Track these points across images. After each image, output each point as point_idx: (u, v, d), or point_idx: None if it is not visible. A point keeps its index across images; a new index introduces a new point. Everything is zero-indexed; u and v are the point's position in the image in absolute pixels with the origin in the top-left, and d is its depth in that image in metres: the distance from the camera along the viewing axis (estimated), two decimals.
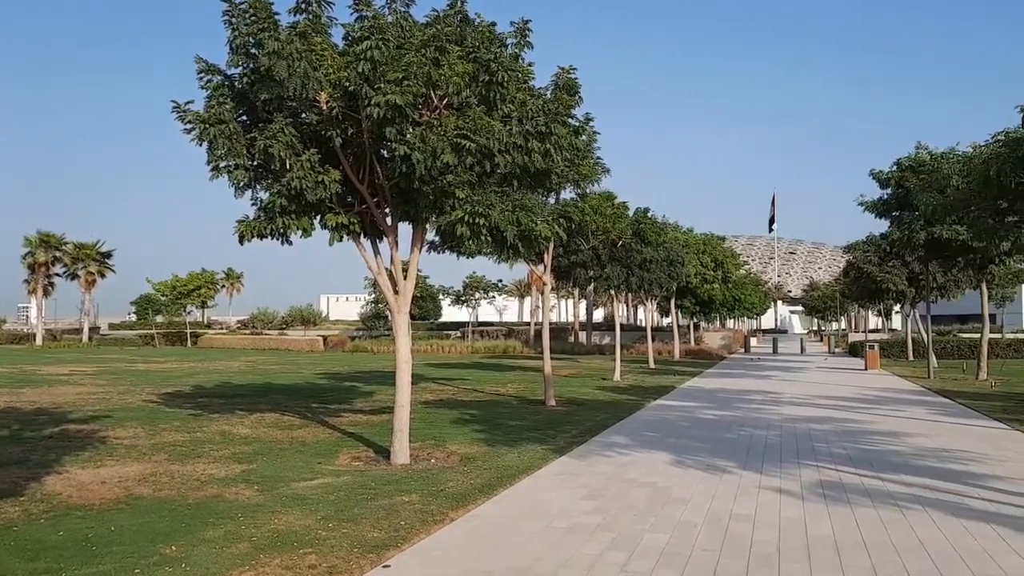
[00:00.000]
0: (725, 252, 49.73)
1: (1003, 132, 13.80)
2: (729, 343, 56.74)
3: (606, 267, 26.81)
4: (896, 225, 27.91)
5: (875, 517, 7.95)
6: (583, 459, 11.43)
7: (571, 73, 11.89)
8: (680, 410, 17.96)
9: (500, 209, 10.49)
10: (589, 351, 50.21)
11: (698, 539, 7.18)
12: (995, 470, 10.45)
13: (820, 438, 13.45)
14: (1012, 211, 13.95)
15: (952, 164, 21.01)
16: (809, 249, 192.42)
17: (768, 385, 25.33)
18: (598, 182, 18.77)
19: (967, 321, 67.75)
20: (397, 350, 11.63)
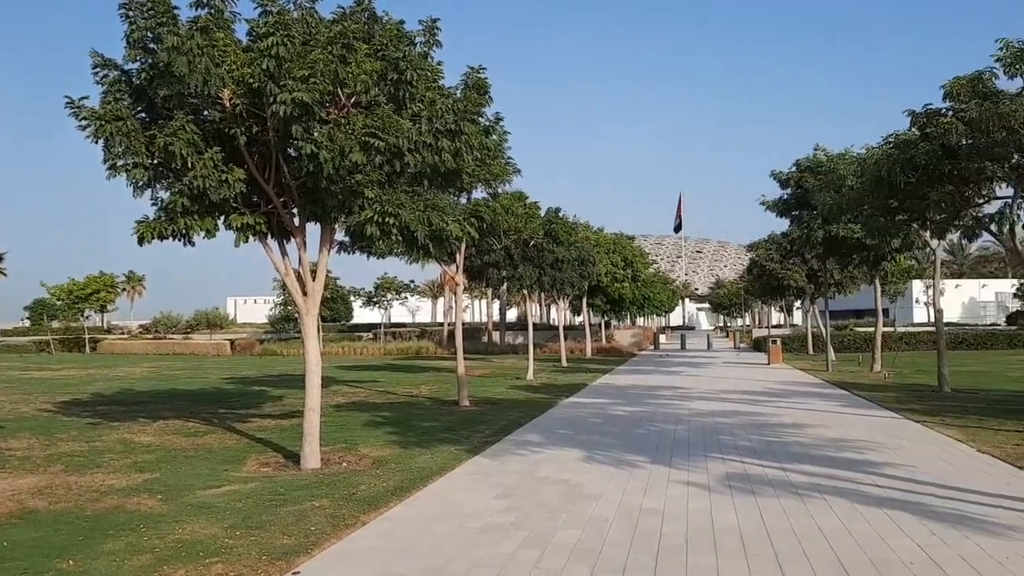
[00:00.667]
0: (635, 251, 50.59)
1: (893, 134, 14.46)
2: (639, 340, 57.79)
3: (518, 267, 26.96)
4: (796, 224, 28.95)
5: (778, 506, 8.21)
6: (496, 458, 11.45)
7: (481, 73, 11.90)
8: (592, 407, 18.19)
9: (411, 209, 10.42)
10: (503, 351, 50.39)
11: (609, 534, 7.28)
12: (888, 458, 10.93)
13: (726, 431, 13.82)
14: (902, 210, 14.62)
15: (847, 165, 21.90)
16: (715, 248, 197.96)
17: (677, 381, 25.90)
18: (509, 182, 18.87)
19: (863, 316, 70.76)
20: (306, 353, 11.41)
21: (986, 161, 12.49)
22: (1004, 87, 12.47)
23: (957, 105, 12.63)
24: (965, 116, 12.26)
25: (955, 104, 12.70)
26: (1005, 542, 6.74)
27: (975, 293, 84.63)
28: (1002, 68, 12.24)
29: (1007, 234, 13.71)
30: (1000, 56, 12.17)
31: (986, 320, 74.23)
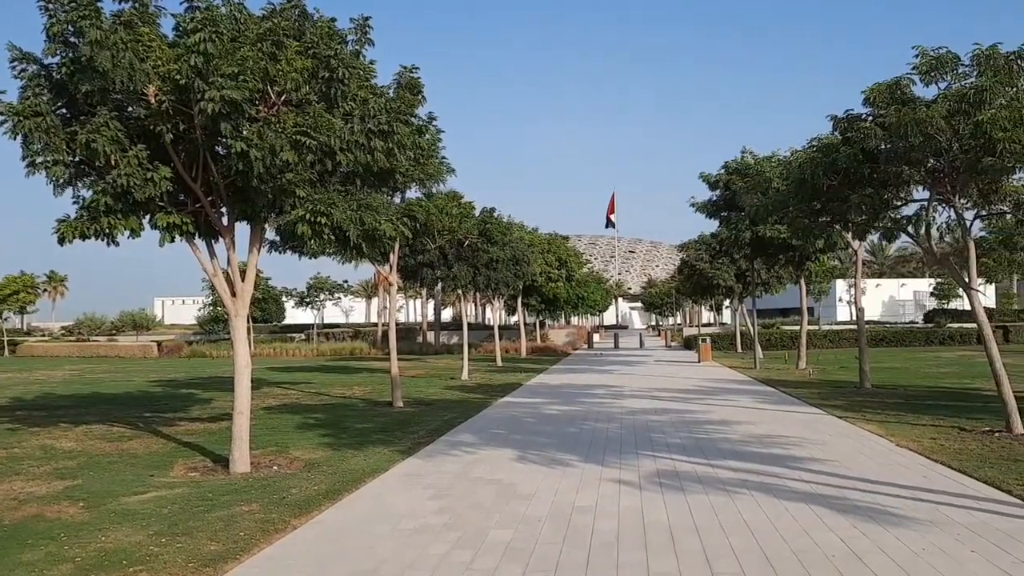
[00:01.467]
0: (569, 251, 50.97)
1: (817, 138, 14.87)
2: (574, 339, 58.26)
3: (453, 267, 26.91)
4: (725, 225, 29.53)
5: (706, 502, 8.39)
6: (430, 459, 11.42)
7: (413, 72, 11.87)
8: (526, 407, 18.27)
9: (343, 208, 10.31)
10: (438, 351, 50.23)
11: (542, 532, 7.33)
12: (812, 453, 11.25)
13: (657, 429, 14.04)
14: (825, 212, 15.01)
15: (773, 168, 22.49)
16: (647, 248, 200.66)
17: (610, 379, 26.19)
18: (444, 182, 18.83)
19: (788, 314, 72.54)
20: (236, 355, 11.20)
21: (904, 165, 12.90)
22: (921, 94, 12.94)
23: (876, 111, 13.05)
24: (884, 121, 12.66)
25: (875, 110, 13.11)
26: (921, 534, 7.01)
27: (895, 292, 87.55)
28: (919, 76, 12.69)
29: (923, 235, 14.24)
30: (917, 64, 12.62)
31: (905, 318, 76.86)
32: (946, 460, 10.31)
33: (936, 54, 12.45)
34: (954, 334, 46.74)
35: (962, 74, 12.44)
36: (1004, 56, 12.02)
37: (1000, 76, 11.95)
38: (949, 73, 12.51)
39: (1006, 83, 11.99)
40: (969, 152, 12.22)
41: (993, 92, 11.77)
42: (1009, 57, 12.01)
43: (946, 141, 12.18)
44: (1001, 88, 11.91)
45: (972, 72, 12.32)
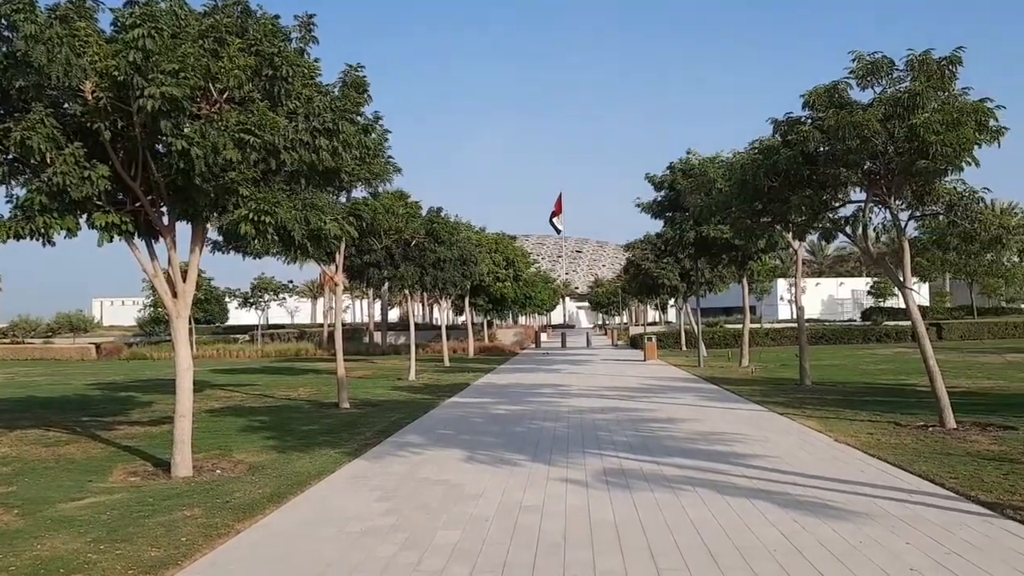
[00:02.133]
0: (516, 251, 51.10)
1: (758, 140, 15.16)
2: (521, 339, 58.42)
3: (400, 266, 26.78)
4: (669, 225, 29.91)
5: (652, 500, 8.49)
6: (377, 461, 11.35)
7: (359, 71, 11.79)
8: (474, 406, 18.27)
9: (287, 207, 10.19)
10: (385, 351, 49.91)
11: (489, 533, 7.35)
12: (755, 449, 11.47)
13: (604, 427, 14.16)
14: (766, 212, 15.33)
15: (716, 169, 22.81)
16: (594, 248, 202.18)
17: (557, 378, 26.33)
18: (390, 181, 18.72)
19: (731, 313, 73.72)
20: (177, 356, 10.99)
21: (841, 167, 13.23)
22: (858, 97, 13.29)
23: (815, 114, 13.37)
24: (822, 124, 12.98)
25: (813, 113, 13.44)
26: (858, 527, 7.19)
27: (834, 291, 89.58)
28: (855, 80, 13.04)
29: (860, 235, 14.61)
30: (854, 69, 12.97)
31: (843, 316, 78.66)
32: (882, 454, 10.59)
33: (872, 59, 12.80)
34: (890, 331, 48.01)
35: (897, 79, 12.83)
36: (936, 61, 12.41)
37: (933, 81, 12.34)
38: (884, 78, 12.89)
39: (938, 88, 12.38)
40: (904, 155, 12.58)
41: (926, 96, 12.15)
42: (941, 62, 12.40)
43: (882, 144, 12.53)
44: (934, 92, 12.30)
45: (906, 77, 12.70)
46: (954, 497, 8.26)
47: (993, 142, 12.34)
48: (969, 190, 13.38)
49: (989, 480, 8.85)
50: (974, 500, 8.05)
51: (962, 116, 11.85)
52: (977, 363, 27.21)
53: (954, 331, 48.20)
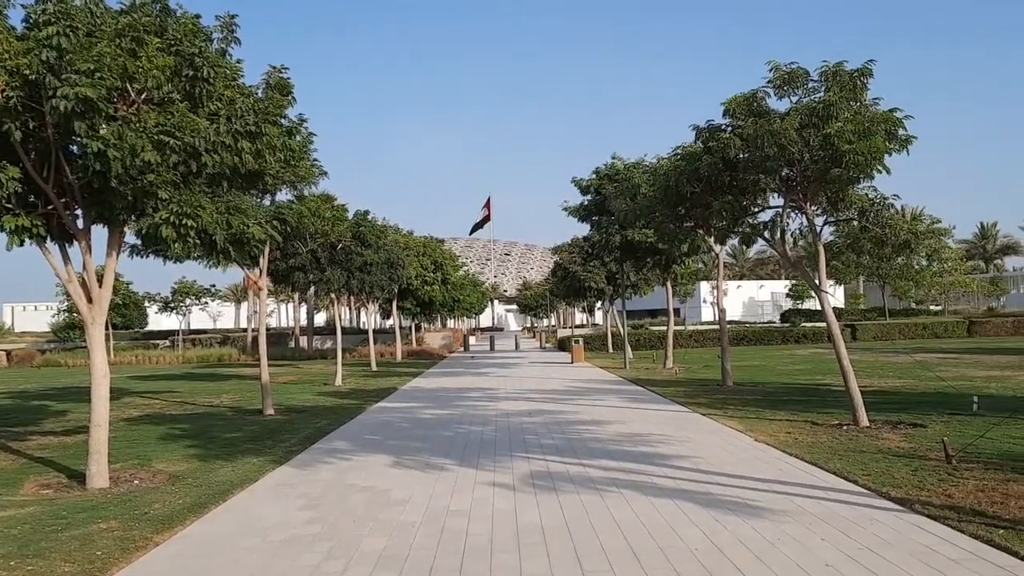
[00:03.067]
0: (444, 254, 51.01)
1: (681, 147, 15.48)
2: (450, 343, 58.27)
3: (326, 270, 26.43)
4: (596, 228, 30.28)
5: (578, 502, 8.59)
6: (302, 468, 11.20)
7: (283, 72, 11.65)
8: (401, 411, 18.17)
9: (210, 211, 9.98)
10: (311, 356, 49.17)
11: (416, 539, 7.33)
12: (678, 450, 11.70)
13: (531, 431, 14.25)
14: (689, 217, 15.67)
15: (641, 174, 23.21)
16: (523, 251, 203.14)
17: (485, 382, 26.37)
18: (315, 184, 18.50)
19: (657, 315, 75.09)
20: (93, 364, 10.64)
21: (760, 174, 13.60)
22: (775, 106, 13.69)
23: (735, 122, 13.73)
24: (742, 132, 13.32)
25: (733, 121, 13.79)
26: (776, 524, 7.41)
27: (754, 293, 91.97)
28: (773, 89, 13.44)
29: (778, 240, 15.05)
30: (771, 79, 13.36)
31: (763, 318, 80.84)
32: (799, 453, 10.93)
33: (788, 69, 13.20)
34: (808, 333, 49.51)
35: (812, 89, 13.25)
36: (849, 73, 12.87)
37: (846, 92, 12.79)
38: (800, 88, 13.30)
39: (851, 98, 12.84)
40: (818, 163, 13.02)
41: (839, 107, 12.58)
42: (854, 74, 12.86)
43: (798, 152, 12.93)
44: (847, 103, 12.75)
45: (821, 87, 13.13)
46: (866, 493, 8.58)
47: (902, 151, 12.85)
48: (880, 197, 13.94)
49: (899, 476, 9.21)
50: (885, 496, 8.37)
51: (873, 126, 12.32)
52: (889, 363, 28.27)
53: (867, 332, 49.94)
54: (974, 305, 71.30)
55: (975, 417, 13.54)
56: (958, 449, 10.23)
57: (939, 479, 8.96)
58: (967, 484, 8.66)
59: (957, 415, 13.94)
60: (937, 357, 30.85)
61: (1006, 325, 51.64)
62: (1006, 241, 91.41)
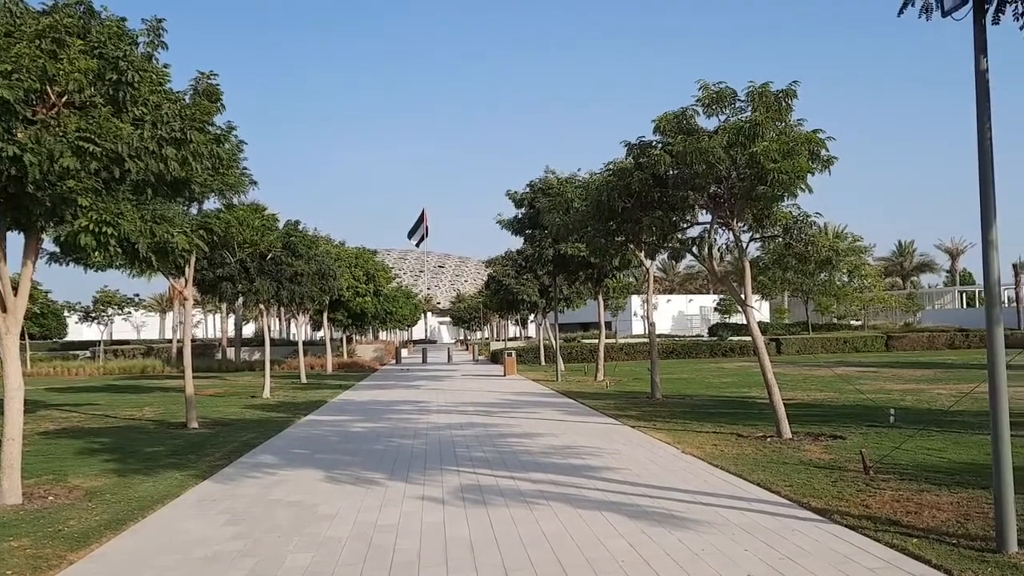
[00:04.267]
0: (377, 265, 50.57)
1: (613, 162, 15.71)
2: (382, 355, 57.79)
3: (255, 280, 25.98)
4: (529, 242, 30.45)
5: (507, 515, 8.58)
6: (226, 483, 10.94)
7: (212, 78, 11.43)
8: (331, 424, 17.93)
9: (132, 218, 9.73)
10: (238, 368, 48.15)
11: (342, 554, 7.22)
12: (607, 462, 11.81)
13: (462, 444, 14.20)
14: (620, 232, 15.89)
15: (574, 189, 23.45)
16: (456, 263, 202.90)
17: (417, 395, 26.20)
18: (245, 193, 18.18)
19: (588, 328, 75.72)
20: (6, 376, 10.21)
21: (689, 190, 13.90)
22: (704, 125, 14.01)
23: (665, 139, 14.01)
24: (672, 149, 13.60)
25: (664, 138, 14.07)
26: (701, 535, 7.53)
27: (683, 307, 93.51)
28: (702, 108, 13.75)
29: (706, 255, 15.37)
30: (700, 97, 13.68)
31: (692, 331, 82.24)
32: (725, 465, 11.13)
33: (717, 89, 13.53)
34: (735, 346, 50.56)
35: (739, 108, 13.61)
36: (774, 94, 13.25)
37: (771, 112, 13.17)
38: (728, 107, 13.65)
39: (776, 118, 13.22)
40: (745, 180, 13.35)
41: (765, 126, 12.94)
42: (779, 94, 13.25)
43: (725, 170, 13.24)
44: (772, 123, 13.12)
45: (747, 107, 13.49)
46: (788, 504, 8.78)
47: (824, 170, 13.27)
48: (803, 214, 14.38)
49: (819, 487, 9.46)
50: (806, 507, 8.58)
51: (796, 145, 12.71)
52: (811, 376, 29.06)
53: (791, 346, 51.24)
54: (892, 320, 73.79)
55: (892, 429, 14.02)
56: (875, 460, 10.58)
57: (857, 490, 9.23)
58: (884, 494, 8.94)
59: (875, 427, 14.41)
60: (857, 370, 31.85)
61: (921, 340, 53.68)
62: (922, 259, 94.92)
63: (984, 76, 6.96)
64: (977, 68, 6.99)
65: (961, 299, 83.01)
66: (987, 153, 6.96)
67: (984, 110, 6.97)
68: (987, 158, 6.96)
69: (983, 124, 6.96)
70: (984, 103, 6.96)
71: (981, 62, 6.97)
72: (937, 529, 7.46)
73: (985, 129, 6.96)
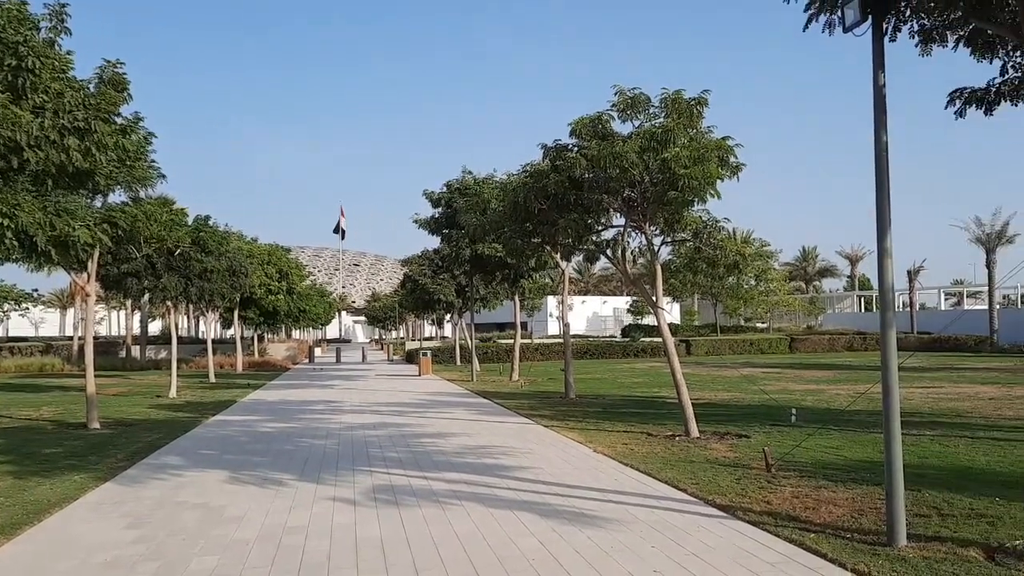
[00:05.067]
0: (290, 263, 49.68)
1: (530, 164, 15.83)
2: (294, 354, 56.78)
3: (162, 277, 25.20)
4: (446, 242, 30.41)
5: (419, 515, 8.58)
6: (129, 485, 10.61)
7: (118, 67, 11.08)
8: (240, 424, 17.55)
9: (30, 210, 9.35)
10: (144, 367, 46.58)
11: (250, 557, 7.10)
12: (521, 461, 11.91)
13: (375, 444, 14.11)
14: (536, 233, 16.03)
15: (491, 189, 23.51)
16: (372, 262, 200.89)
17: (330, 394, 25.86)
18: (153, 186, 17.61)
19: (505, 328, 75.97)
20: None
21: (604, 193, 14.11)
22: (619, 129, 14.26)
23: (581, 142, 14.20)
24: (587, 153, 13.79)
25: (579, 141, 14.26)
26: (610, 533, 7.68)
27: (598, 308, 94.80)
28: (617, 112, 14.00)
29: (619, 257, 15.66)
30: (615, 102, 13.92)
31: (606, 332, 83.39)
32: (635, 463, 11.36)
33: (632, 94, 13.79)
34: (646, 347, 51.48)
35: (652, 114, 13.90)
36: (687, 101, 13.58)
37: (683, 118, 13.49)
38: (642, 112, 13.92)
39: (688, 125, 13.55)
40: (657, 185, 13.65)
41: (677, 132, 13.25)
42: (691, 102, 13.59)
43: (639, 174, 13.50)
44: (684, 129, 13.44)
45: (661, 113, 13.79)
46: (694, 501, 9.03)
47: (733, 177, 13.67)
48: (712, 220, 14.80)
49: (724, 485, 9.76)
50: (711, 504, 8.84)
51: (707, 152, 13.06)
52: (719, 376, 29.88)
53: (700, 347, 52.49)
54: (795, 323, 76.32)
55: (793, 428, 14.55)
56: (777, 458, 10.97)
57: (760, 487, 9.56)
58: (784, 491, 9.29)
59: (778, 426, 14.93)
60: (762, 371, 32.89)
61: (823, 342, 55.77)
62: (824, 265, 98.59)
63: (882, 90, 7.31)
64: (875, 83, 7.33)
65: (860, 303, 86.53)
66: (883, 164, 7.31)
67: (881, 122, 7.32)
68: (883, 168, 7.31)
69: (879, 136, 7.31)
70: (881, 116, 7.31)
71: (879, 77, 7.32)
72: (833, 524, 7.79)
73: (882, 141, 7.31)
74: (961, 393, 21.40)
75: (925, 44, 8.25)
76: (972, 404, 18.57)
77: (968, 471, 10.44)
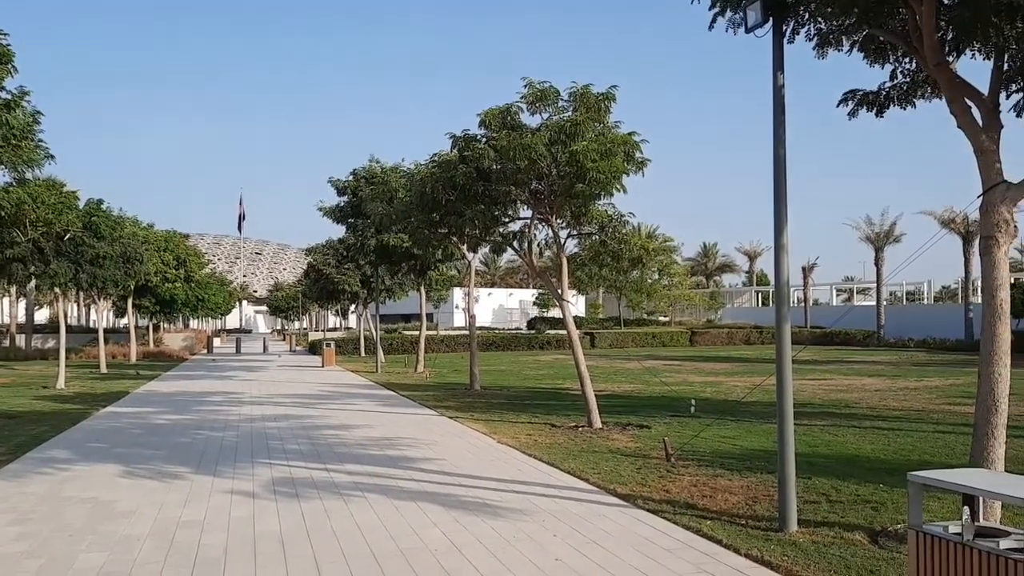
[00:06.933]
0: (189, 250, 48.09)
1: (437, 154, 15.74)
2: (192, 344, 54.98)
3: (51, 262, 24.01)
4: (352, 231, 29.99)
5: (321, 508, 8.44)
6: (11, 480, 10.07)
7: (2, 39, 10.46)
8: (133, 416, 16.90)
9: None
10: (29, 356, 44.30)
11: (141, 553, 6.83)
12: (425, 453, 11.85)
13: (276, 436, 13.81)
14: (443, 224, 15.97)
15: (398, 179, 23.30)
16: (275, 250, 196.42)
17: (229, 386, 25.17)
18: (40, 167, 16.74)
19: (411, 319, 75.40)
20: None
21: (511, 185, 14.17)
22: (528, 122, 14.31)
23: (490, 133, 14.19)
24: (496, 144, 13.80)
25: (489, 132, 14.25)
26: (514, 523, 7.72)
27: (504, 301, 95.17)
28: (526, 105, 14.04)
29: (525, 250, 15.75)
30: (525, 94, 13.96)
31: (512, 324, 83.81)
32: (538, 454, 11.47)
33: (541, 87, 13.85)
34: (551, 339, 52.04)
35: (561, 107, 14.00)
36: (595, 96, 13.73)
37: (591, 113, 13.64)
38: (551, 105, 14.00)
39: (596, 119, 13.70)
40: (565, 178, 13.76)
41: (585, 126, 13.39)
42: (599, 97, 13.74)
43: (546, 167, 13.60)
44: (591, 123, 13.59)
45: (569, 107, 13.90)
46: (596, 491, 9.17)
47: (639, 172, 13.91)
48: (618, 214, 15.03)
49: (625, 474, 9.94)
50: (612, 493, 9.00)
51: (613, 147, 13.24)
52: (622, 368, 30.46)
53: (604, 340, 53.41)
54: (696, 317, 78.38)
55: (692, 419, 14.94)
56: (677, 448, 11.24)
57: (659, 476, 9.78)
58: (683, 480, 9.53)
59: (678, 417, 15.31)
60: (663, 364, 33.70)
61: (721, 336, 57.58)
62: (724, 260, 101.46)
63: (781, 90, 7.55)
64: (775, 83, 7.56)
65: (757, 298, 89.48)
66: (781, 162, 7.56)
67: (780, 122, 7.56)
68: (781, 167, 7.56)
69: (778, 134, 7.56)
70: (780, 115, 7.56)
71: (778, 77, 7.55)
72: (729, 511, 8.04)
73: (780, 139, 7.55)
74: (850, 385, 22.44)
75: (821, 47, 8.55)
76: (859, 396, 19.49)
77: (855, 459, 10.94)
